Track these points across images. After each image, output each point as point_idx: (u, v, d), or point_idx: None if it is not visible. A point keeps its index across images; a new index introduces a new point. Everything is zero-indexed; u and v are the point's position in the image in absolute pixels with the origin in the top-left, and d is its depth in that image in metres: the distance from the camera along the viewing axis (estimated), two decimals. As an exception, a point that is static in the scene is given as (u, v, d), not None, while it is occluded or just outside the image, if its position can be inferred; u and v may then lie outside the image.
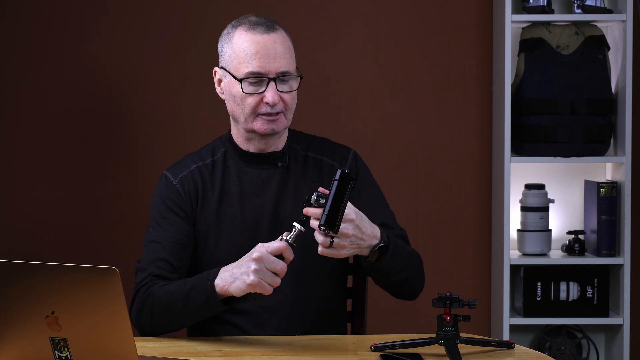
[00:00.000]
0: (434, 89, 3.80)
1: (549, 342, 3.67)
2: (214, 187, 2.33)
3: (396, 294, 2.32)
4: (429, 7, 3.78)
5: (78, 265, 1.70)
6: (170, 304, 2.18)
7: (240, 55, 2.27)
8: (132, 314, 2.24)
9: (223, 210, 2.32)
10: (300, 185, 2.34)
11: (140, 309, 2.22)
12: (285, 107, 2.28)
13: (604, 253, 3.57)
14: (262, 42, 2.26)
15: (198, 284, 2.15)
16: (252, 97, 2.26)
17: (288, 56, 2.28)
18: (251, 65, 2.25)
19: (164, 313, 2.19)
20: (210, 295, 2.12)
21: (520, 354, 2.06)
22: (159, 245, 2.29)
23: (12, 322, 1.76)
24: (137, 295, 2.24)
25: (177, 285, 2.19)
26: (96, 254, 3.78)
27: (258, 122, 2.28)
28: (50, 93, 3.78)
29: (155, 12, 3.78)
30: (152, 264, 2.26)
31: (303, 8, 3.79)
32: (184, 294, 2.16)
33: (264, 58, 2.25)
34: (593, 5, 3.57)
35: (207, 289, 2.12)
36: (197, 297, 2.14)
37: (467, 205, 3.81)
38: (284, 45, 2.28)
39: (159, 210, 2.33)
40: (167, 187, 2.35)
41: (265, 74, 2.25)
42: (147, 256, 2.29)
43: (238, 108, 2.29)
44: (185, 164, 2.38)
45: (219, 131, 2.49)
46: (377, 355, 2.02)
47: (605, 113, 3.56)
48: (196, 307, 2.15)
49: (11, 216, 3.78)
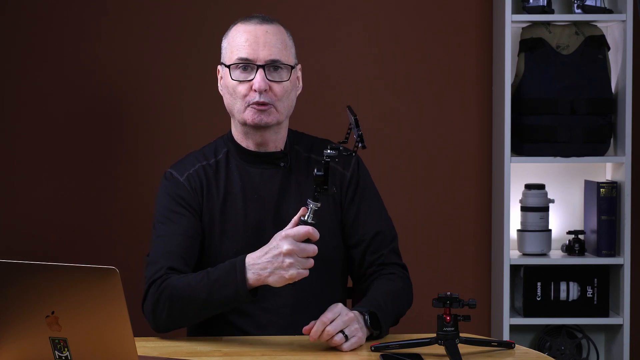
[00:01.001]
0: (434, 89, 3.80)
1: (549, 342, 3.67)
2: (219, 187, 2.34)
3: None
4: (428, 7, 3.78)
5: (78, 265, 1.70)
6: (193, 295, 2.15)
7: (233, 44, 2.30)
8: (147, 307, 2.22)
9: (227, 209, 2.32)
10: (302, 186, 2.34)
11: (156, 302, 2.19)
12: (276, 97, 2.29)
13: (604, 253, 3.58)
14: (254, 31, 2.29)
15: (224, 276, 2.13)
16: (242, 85, 2.28)
17: (280, 46, 2.29)
18: (240, 51, 2.28)
19: (184, 305, 2.17)
20: (240, 287, 2.11)
21: (520, 354, 2.06)
22: (169, 239, 2.27)
23: (12, 322, 1.76)
24: (150, 289, 2.22)
25: (199, 277, 2.17)
26: (96, 254, 3.78)
27: (248, 112, 2.29)
28: (50, 93, 3.78)
29: (156, 12, 3.78)
30: (163, 257, 2.25)
31: (303, 8, 3.79)
32: (208, 285, 2.14)
33: (253, 45, 2.28)
34: (593, 5, 3.57)
35: (236, 281, 2.11)
36: (224, 288, 2.13)
37: (467, 205, 3.81)
38: (277, 37, 2.30)
39: (167, 205, 2.32)
40: (175, 184, 2.34)
41: (253, 60, 2.27)
42: (158, 249, 2.27)
43: (231, 99, 2.31)
44: (190, 162, 2.38)
45: (219, 131, 2.49)
46: (377, 355, 2.02)
47: (605, 113, 3.56)
48: (222, 299, 2.14)
49: (11, 216, 3.78)
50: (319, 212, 2.10)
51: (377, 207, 2.39)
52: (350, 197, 2.37)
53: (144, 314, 2.24)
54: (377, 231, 2.35)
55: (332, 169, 2.34)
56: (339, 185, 2.37)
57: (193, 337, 2.28)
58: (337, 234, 2.36)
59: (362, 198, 2.37)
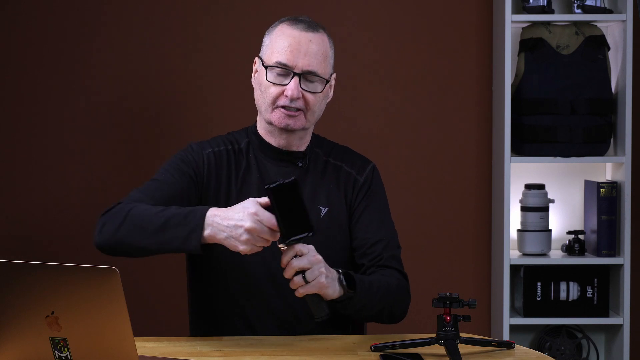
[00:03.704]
0: (434, 89, 3.80)
1: (549, 342, 3.67)
2: (238, 173, 2.34)
3: (380, 322, 2.32)
4: (429, 7, 3.78)
5: (78, 265, 1.70)
6: (148, 219, 2.13)
7: (275, 45, 2.30)
8: (102, 217, 2.20)
9: (242, 198, 2.31)
10: (317, 187, 2.36)
11: (113, 214, 2.18)
12: (307, 107, 2.29)
13: (604, 253, 3.57)
14: (298, 37, 2.29)
15: (182, 216, 2.11)
16: (274, 87, 2.28)
17: (320, 58, 2.29)
18: (281, 55, 2.28)
19: (135, 225, 2.14)
20: (193, 233, 2.08)
21: (520, 354, 2.06)
22: (160, 185, 2.26)
23: (12, 322, 1.76)
24: (115, 206, 2.20)
25: (160, 208, 2.15)
26: (96, 254, 3.76)
27: (276, 114, 2.30)
28: (50, 92, 3.77)
29: (156, 12, 3.77)
30: (146, 196, 2.23)
31: (303, 9, 3.79)
32: (165, 218, 2.12)
33: (295, 52, 2.27)
34: (593, 5, 3.57)
35: (193, 226, 2.09)
36: (178, 227, 2.10)
37: (467, 205, 3.81)
38: (320, 47, 2.30)
39: (175, 160, 2.32)
40: (192, 152, 2.34)
41: (291, 67, 2.27)
42: (145, 190, 2.26)
43: (261, 97, 2.31)
44: (216, 142, 2.38)
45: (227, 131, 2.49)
46: (377, 355, 2.02)
47: (605, 113, 3.56)
48: (172, 236, 2.11)
49: (11, 216, 3.78)
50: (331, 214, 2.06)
51: (384, 216, 2.39)
52: (359, 201, 2.37)
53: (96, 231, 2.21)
54: (380, 239, 2.34)
55: (346, 174, 2.34)
56: (351, 189, 2.37)
57: (193, 337, 2.28)
58: (346, 236, 2.36)
59: (370, 203, 2.37)
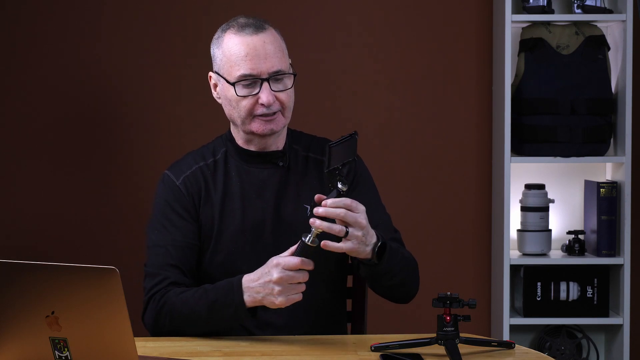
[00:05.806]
0: (433, 89, 3.80)
1: (549, 342, 3.67)
2: (217, 187, 2.33)
3: (391, 298, 2.31)
4: (428, 7, 3.78)
5: (78, 265, 1.70)
6: (193, 314, 2.18)
7: (231, 58, 2.25)
8: (147, 320, 2.25)
9: (225, 210, 2.31)
10: (301, 185, 2.33)
11: (157, 317, 2.23)
12: (282, 106, 2.27)
13: (604, 253, 3.58)
14: (252, 44, 2.24)
15: (222, 297, 2.16)
16: (246, 100, 2.25)
17: (280, 55, 2.26)
18: (242, 67, 2.24)
19: (184, 322, 2.20)
20: (239, 308, 2.14)
21: (520, 354, 2.06)
22: (166, 250, 2.28)
23: (12, 322, 1.76)
24: (150, 301, 2.24)
25: (197, 295, 2.19)
26: (96, 254, 3.78)
27: (255, 123, 2.27)
28: (50, 92, 3.78)
29: (154, 12, 3.78)
30: (162, 270, 2.26)
31: (302, 9, 3.79)
32: (207, 305, 2.17)
33: (255, 59, 2.23)
34: (593, 5, 3.57)
35: (235, 302, 2.14)
36: (224, 309, 2.15)
37: (467, 205, 3.81)
38: (275, 45, 2.26)
39: (163, 212, 2.32)
40: (170, 189, 2.34)
41: (257, 75, 2.24)
42: (155, 261, 2.28)
43: (234, 111, 2.29)
44: (187, 163, 2.37)
45: (217, 131, 2.48)
46: (377, 355, 2.02)
47: (605, 113, 3.56)
48: (220, 318, 2.17)
49: (11, 216, 3.78)
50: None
51: (374, 200, 2.35)
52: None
53: (144, 324, 2.26)
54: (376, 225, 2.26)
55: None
56: None
57: (193, 337, 2.28)
58: None
59: (359, 192, 2.31)
